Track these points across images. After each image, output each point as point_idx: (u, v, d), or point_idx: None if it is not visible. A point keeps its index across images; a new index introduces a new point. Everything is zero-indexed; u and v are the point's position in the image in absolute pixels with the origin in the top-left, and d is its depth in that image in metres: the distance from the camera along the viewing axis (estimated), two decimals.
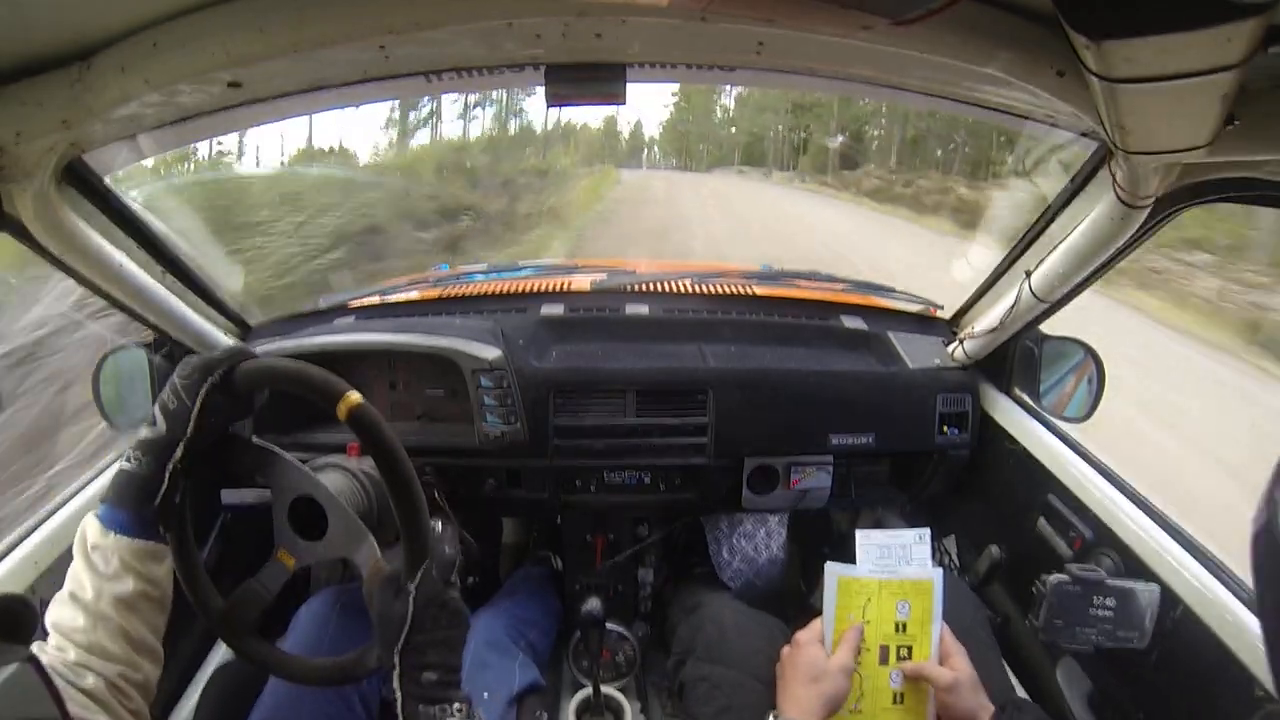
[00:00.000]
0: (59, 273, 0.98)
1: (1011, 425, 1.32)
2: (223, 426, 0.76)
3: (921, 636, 0.87)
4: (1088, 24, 0.45)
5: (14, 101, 0.68)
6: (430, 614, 0.70)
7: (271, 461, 0.79)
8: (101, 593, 0.65)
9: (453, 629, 0.72)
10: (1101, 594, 0.96)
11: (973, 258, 1.41)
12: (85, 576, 0.66)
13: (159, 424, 0.70)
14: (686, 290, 1.54)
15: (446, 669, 0.70)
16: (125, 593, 0.66)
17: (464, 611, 0.74)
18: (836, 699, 0.81)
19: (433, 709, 0.68)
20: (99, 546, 0.67)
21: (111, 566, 0.66)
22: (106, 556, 0.66)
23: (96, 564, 0.66)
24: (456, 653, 0.72)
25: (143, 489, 0.69)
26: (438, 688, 0.69)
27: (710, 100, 33.43)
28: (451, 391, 1.33)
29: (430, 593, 0.71)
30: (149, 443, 0.70)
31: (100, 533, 0.67)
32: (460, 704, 0.70)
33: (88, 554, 0.67)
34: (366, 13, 0.62)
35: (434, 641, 0.70)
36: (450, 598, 0.73)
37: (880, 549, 0.90)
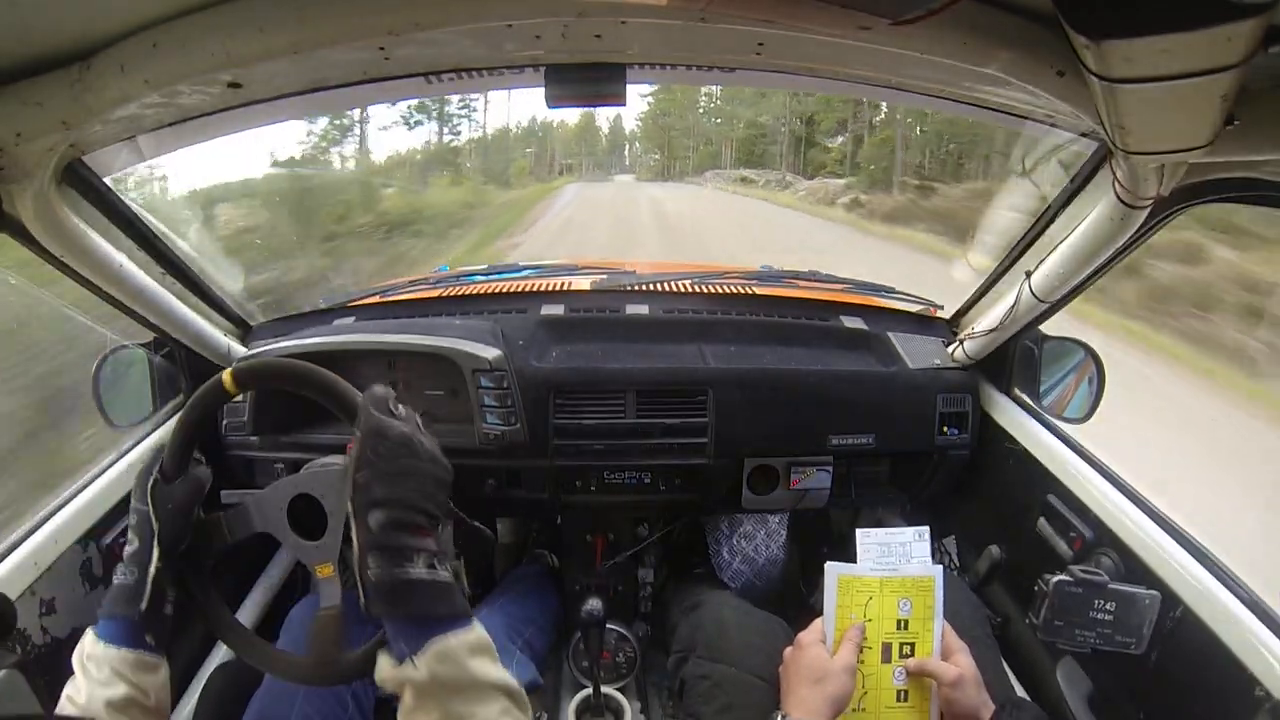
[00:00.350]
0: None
1: (1011, 425, 1.32)
2: (186, 511, 0.77)
3: (924, 633, 0.87)
4: (1088, 24, 0.45)
5: (14, 102, 0.68)
6: (370, 446, 0.63)
7: (248, 510, 0.79)
8: (93, 697, 0.67)
9: (399, 459, 0.64)
10: (1103, 597, 0.96)
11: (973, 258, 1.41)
12: (82, 683, 0.69)
13: (133, 541, 0.74)
14: (686, 290, 1.54)
15: (399, 505, 0.62)
16: (115, 698, 0.68)
17: (413, 441, 0.65)
18: (842, 699, 0.81)
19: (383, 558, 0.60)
20: (93, 656, 0.70)
21: (103, 674, 0.68)
22: (98, 664, 0.69)
23: (91, 671, 0.69)
24: (413, 489, 0.64)
25: (130, 598, 0.71)
26: (390, 530, 0.61)
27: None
28: (451, 391, 1.33)
29: (369, 425, 0.64)
30: (132, 556, 0.74)
31: (93, 643, 0.70)
32: (420, 553, 0.61)
33: (84, 663, 0.70)
34: (366, 13, 0.62)
35: (379, 474, 0.62)
36: (388, 426, 0.64)
37: (880, 547, 0.90)
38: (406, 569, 0.61)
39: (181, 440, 0.78)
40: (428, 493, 0.66)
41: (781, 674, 0.88)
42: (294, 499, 0.77)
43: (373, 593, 0.61)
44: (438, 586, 0.62)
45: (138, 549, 0.74)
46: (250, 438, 1.30)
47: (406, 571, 0.61)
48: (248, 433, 1.29)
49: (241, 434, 1.30)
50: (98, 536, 1.09)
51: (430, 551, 0.63)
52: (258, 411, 1.29)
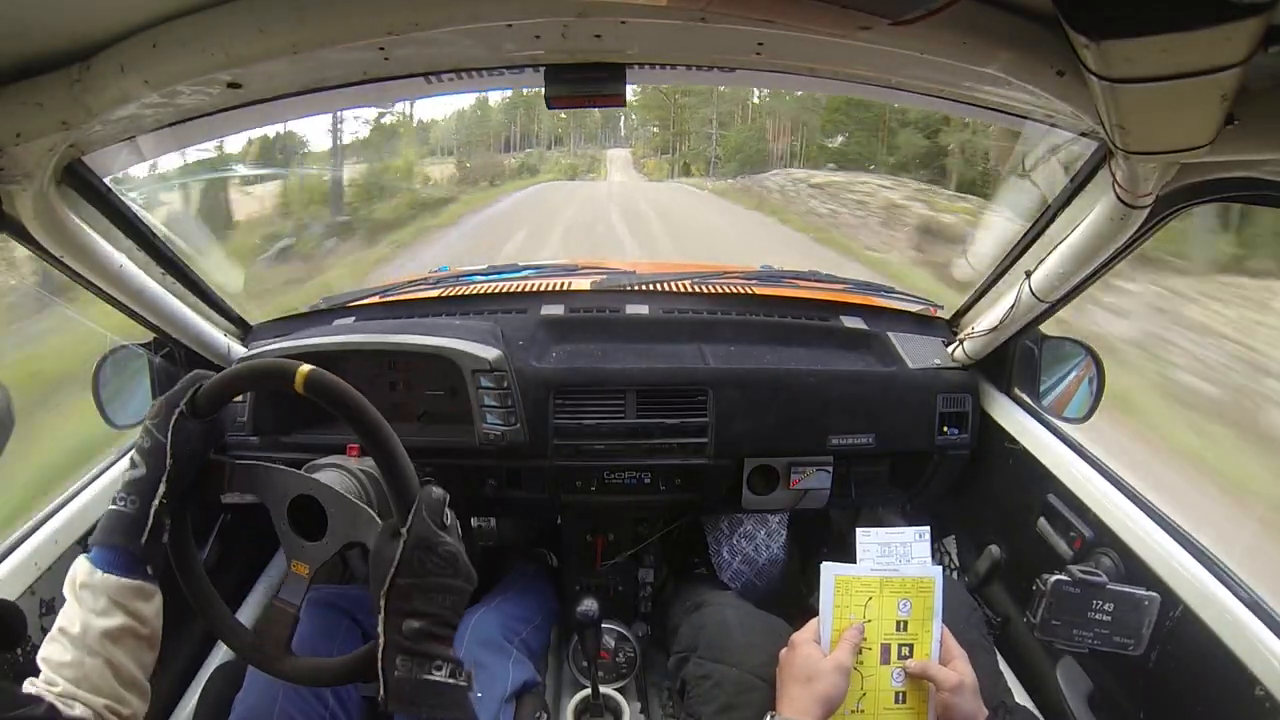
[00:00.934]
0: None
1: (1011, 425, 1.32)
2: (200, 453, 0.76)
3: (923, 635, 0.87)
4: (1088, 24, 0.45)
5: (14, 102, 0.68)
6: (418, 556, 0.66)
7: (258, 475, 0.79)
8: (89, 627, 0.66)
9: (443, 576, 0.67)
10: (1101, 598, 0.96)
11: (973, 257, 1.41)
12: (74, 612, 0.67)
13: (139, 466, 0.72)
14: (686, 290, 1.54)
15: (434, 619, 0.65)
16: (112, 627, 0.67)
17: (459, 559, 0.69)
18: (833, 699, 0.81)
19: (411, 661, 0.64)
20: (87, 584, 0.68)
21: (99, 603, 0.67)
22: (95, 593, 0.68)
23: (85, 600, 0.68)
24: (448, 605, 0.67)
25: (129, 528, 0.70)
26: (421, 639, 0.64)
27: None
28: (451, 392, 1.33)
29: (421, 534, 0.66)
30: (134, 483, 0.72)
31: (89, 571, 0.69)
32: (444, 662, 0.65)
33: (77, 592, 0.69)
34: (366, 13, 0.62)
35: (421, 588, 0.65)
36: (441, 541, 0.67)
37: (881, 547, 0.90)
38: (433, 674, 0.65)
39: (229, 384, 0.76)
40: (459, 609, 0.69)
41: (777, 674, 0.88)
42: (302, 496, 0.78)
43: (395, 690, 0.65)
44: (456, 691, 0.67)
45: (143, 476, 0.72)
46: (250, 438, 1.30)
47: (432, 676, 0.65)
48: (248, 433, 1.29)
49: (241, 434, 1.30)
50: None
51: (451, 661, 0.67)
52: (258, 411, 1.29)
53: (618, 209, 13.37)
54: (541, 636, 1.39)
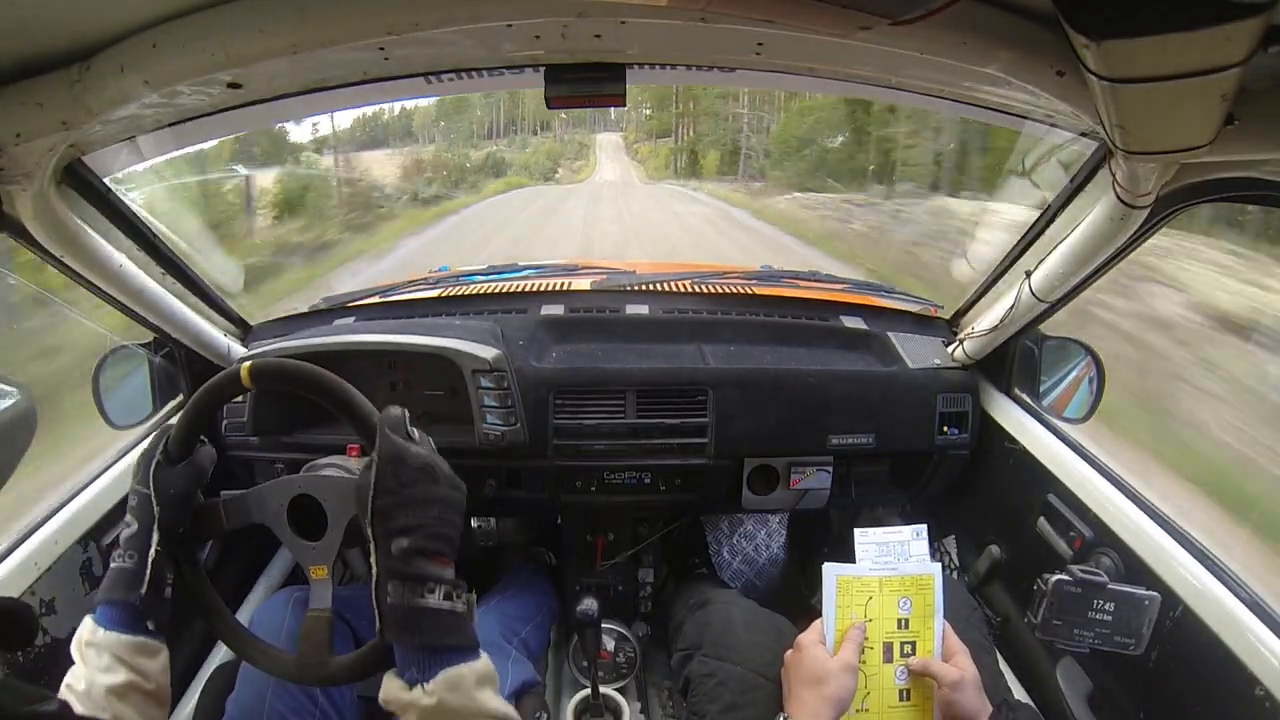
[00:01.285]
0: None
1: (1011, 425, 1.32)
2: (187, 495, 0.76)
3: (925, 632, 0.87)
4: (1088, 24, 0.45)
5: (14, 102, 0.68)
6: (391, 471, 0.63)
7: (248, 502, 0.79)
8: (94, 684, 0.66)
9: (421, 486, 0.64)
10: (1102, 598, 0.96)
11: (973, 257, 1.41)
12: (80, 670, 0.68)
13: (132, 524, 0.73)
14: (686, 290, 1.54)
15: (423, 533, 0.63)
16: (116, 684, 0.67)
17: (435, 467, 0.66)
18: (843, 699, 0.81)
19: (403, 586, 0.61)
20: (92, 643, 0.69)
21: (103, 660, 0.68)
22: (99, 651, 0.68)
23: (90, 658, 0.68)
24: (435, 518, 0.64)
25: (129, 582, 0.71)
26: (411, 558, 0.62)
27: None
28: (451, 392, 1.33)
29: (387, 450, 0.64)
30: (130, 539, 0.73)
31: (92, 629, 0.69)
32: (438, 584, 0.62)
33: (82, 650, 0.69)
34: (366, 13, 0.62)
35: (401, 502, 0.63)
36: (411, 453, 0.65)
37: (879, 547, 0.90)
38: (426, 598, 0.62)
39: (189, 423, 0.77)
40: (448, 519, 0.66)
41: (783, 676, 0.88)
42: (295, 498, 0.77)
43: (389, 618, 0.62)
44: (454, 616, 0.64)
45: (136, 532, 0.72)
46: (250, 438, 1.30)
47: (425, 600, 0.62)
48: (248, 433, 1.29)
49: (241, 434, 1.30)
50: (98, 537, 1.09)
51: (448, 582, 0.64)
52: (258, 411, 1.29)
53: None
54: (541, 635, 1.39)
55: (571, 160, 20.32)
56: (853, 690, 0.82)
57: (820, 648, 0.86)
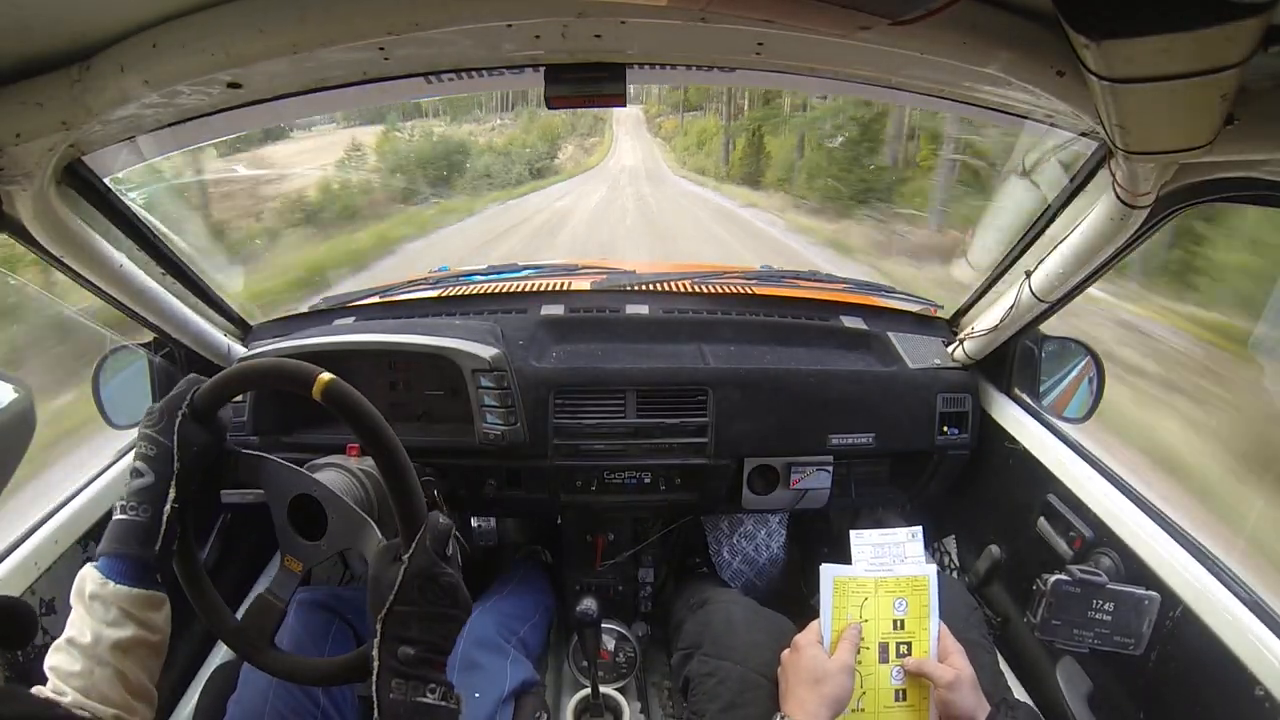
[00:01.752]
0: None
1: (1011, 425, 1.32)
2: (205, 455, 0.76)
3: (920, 633, 0.87)
4: (1088, 24, 0.45)
5: (14, 102, 0.68)
6: (418, 585, 0.67)
7: (264, 467, 0.79)
8: (100, 638, 0.66)
9: (441, 606, 0.68)
10: (1101, 598, 0.96)
11: (973, 257, 1.41)
12: (84, 623, 0.67)
13: (146, 474, 0.72)
14: (686, 290, 1.54)
15: (429, 646, 0.67)
16: (123, 638, 0.67)
17: (459, 591, 0.70)
18: (840, 699, 0.81)
19: (406, 685, 0.65)
20: (98, 595, 0.68)
21: (111, 614, 0.67)
22: (106, 604, 0.67)
23: (95, 611, 0.67)
24: (444, 634, 0.68)
25: (143, 536, 0.70)
26: (416, 664, 0.66)
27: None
28: (451, 392, 1.33)
29: (422, 564, 0.67)
30: (142, 491, 0.71)
31: (99, 582, 0.68)
32: (437, 685, 0.66)
33: (86, 602, 0.68)
34: (366, 13, 0.62)
35: (419, 615, 0.66)
36: (443, 572, 0.68)
37: (874, 548, 0.91)
38: (425, 696, 0.66)
39: (227, 384, 0.75)
40: (453, 637, 0.70)
41: (780, 676, 0.88)
42: (303, 496, 0.78)
43: (389, 711, 0.65)
44: (449, 713, 0.68)
45: (151, 484, 0.71)
46: (250, 437, 1.30)
47: (424, 699, 0.66)
48: (248, 432, 1.29)
49: (242, 434, 1.30)
50: (98, 537, 1.08)
51: (444, 684, 0.68)
52: (258, 411, 1.29)
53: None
54: (539, 634, 1.39)
55: (583, 138, 16.13)
56: (850, 690, 0.82)
57: (818, 648, 0.86)
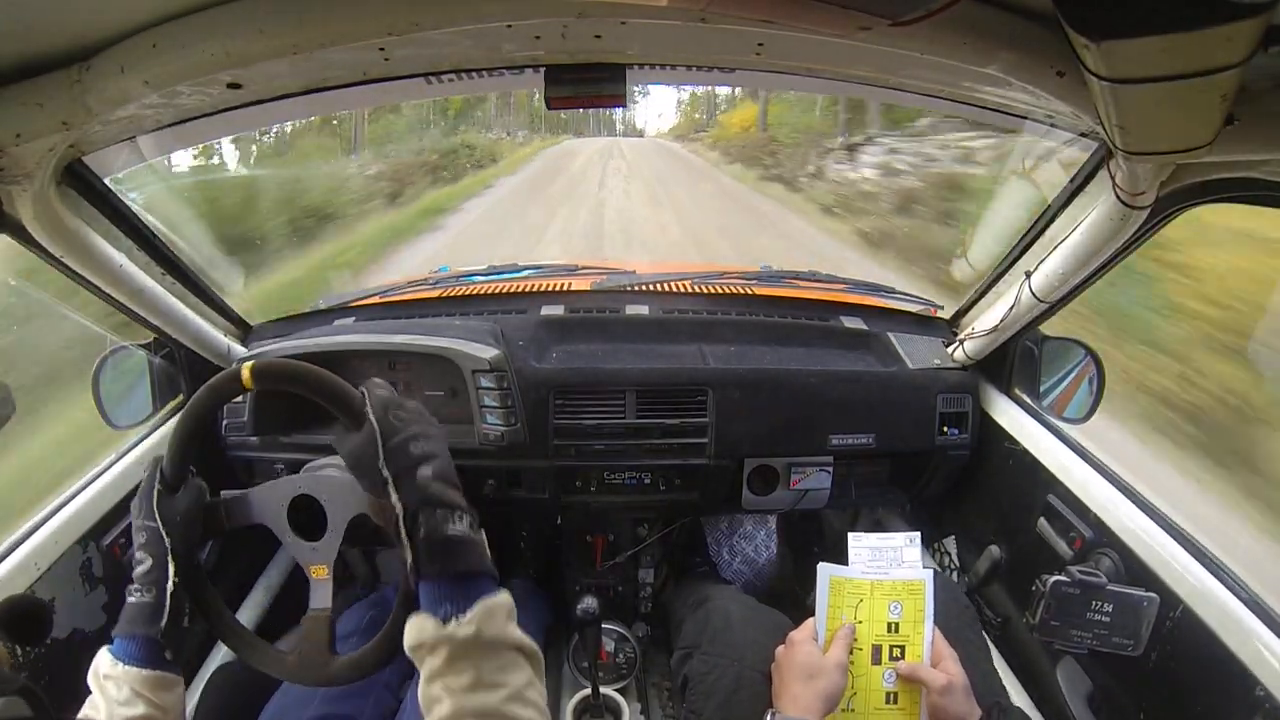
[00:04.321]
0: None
1: (1012, 425, 1.32)
2: (194, 518, 0.77)
3: (914, 637, 0.87)
4: (1088, 24, 0.45)
5: (14, 102, 0.68)
6: (391, 414, 0.66)
7: (250, 501, 0.79)
8: (113, 715, 0.67)
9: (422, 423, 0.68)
10: (1100, 598, 0.96)
11: (973, 257, 1.41)
12: (101, 702, 0.69)
13: (145, 560, 0.73)
14: (686, 290, 1.54)
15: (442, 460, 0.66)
16: (134, 716, 0.68)
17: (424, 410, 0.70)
18: (834, 695, 0.81)
19: (433, 515, 0.63)
20: (110, 676, 0.69)
21: (123, 693, 0.68)
22: (118, 684, 0.69)
23: (110, 691, 0.69)
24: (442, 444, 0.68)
25: (149, 617, 0.71)
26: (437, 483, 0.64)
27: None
28: (451, 392, 1.33)
29: (381, 398, 0.67)
30: (144, 575, 0.73)
31: (111, 663, 0.70)
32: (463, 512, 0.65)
33: (101, 682, 0.70)
34: (366, 14, 0.62)
35: (414, 434, 0.66)
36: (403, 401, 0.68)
37: (872, 551, 0.91)
38: (456, 526, 0.64)
39: (181, 445, 0.77)
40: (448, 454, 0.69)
41: (774, 671, 0.88)
42: (295, 498, 0.77)
43: (425, 550, 0.62)
44: (479, 545, 0.66)
45: (150, 568, 0.73)
46: (250, 438, 1.30)
47: (456, 528, 0.64)
48: (248, 433, 1.29)
49: (241, 434, 1.30)
50: (98, 537, 1.09)
51: (468, 510, 0.66)
52: (258, 412, 1.29)
53: None
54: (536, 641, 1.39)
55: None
56: (842, 688, 0.83)
57: (812, 644, 0.86)
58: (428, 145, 12.44)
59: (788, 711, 0.80)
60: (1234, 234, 2.82)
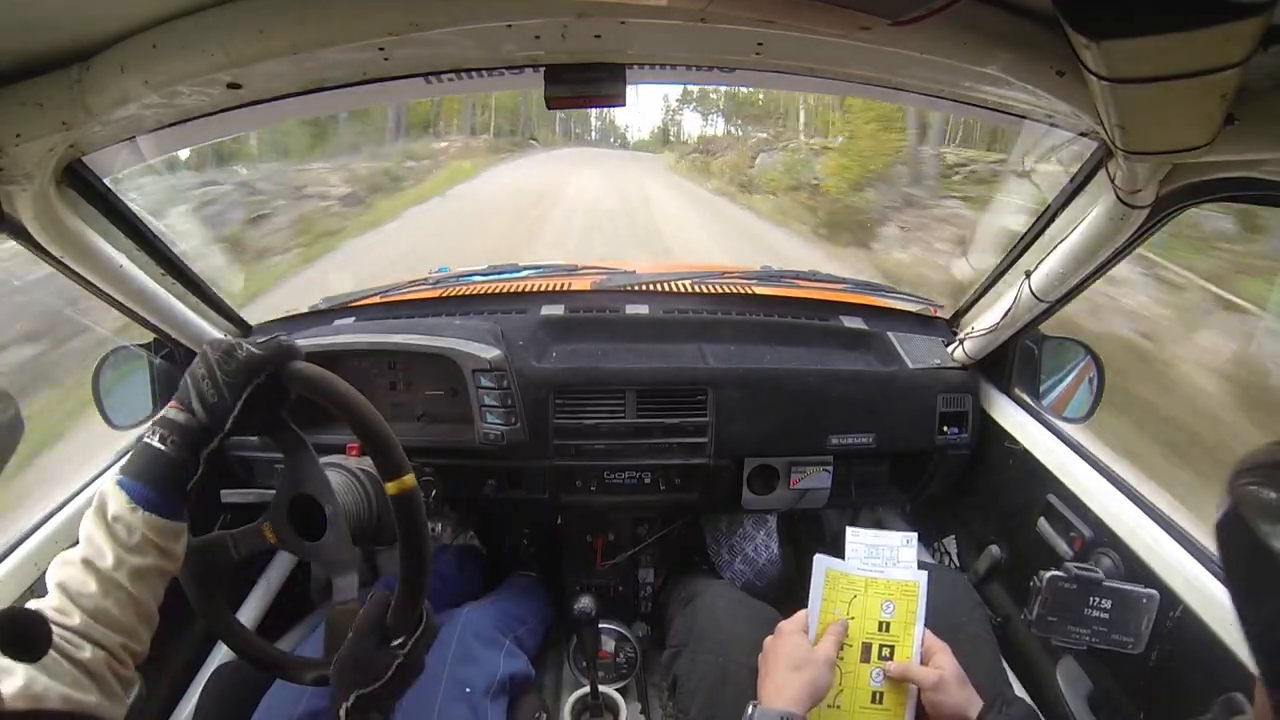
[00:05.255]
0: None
1: (1012, 425, 1.32)
2: (262, 423, 0.76)
3: (904, 638, 0.87)
4: (1088, 24, 0.45)
5: (14, 102, 0.68)
6: (401, 675, 0.71)
7: (297, 449, 0.79)
8: (121, 562, 0.64)
9: (404, 684, 0.72)
10: (1098, 595, 0.96)
11: (973, 257, 1.41)
12: (105, 545, 0.64)
13: (199, 414, 0.68)
14: (686, 290, 1.54)
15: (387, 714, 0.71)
16: (144, 565, 0.65)
17: (421, 670, 0.75)
18: (820, 688, 0.80)
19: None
20: (122, 518, 0.65)
21: (135, 539, 0.65)
22: (130, 529, 0.65)
23: (119, 534, 0.65)
24: (395, 700, 0.73)
25: (176, 474, 0.68)
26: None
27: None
28: (451, 392, 1.33)
29: (415, 661, 0.72)
30: (185, 429, 0.68)
31: (127, 506, 0.65)
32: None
33: (109, 523, 0.65)
34: (366, 14, 0.62)
35: (390, 693, 0.70)
36: (424, 662, 0.74)
37: (868, 548, 0.90)
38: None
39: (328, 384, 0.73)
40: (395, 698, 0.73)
41: (760, 661, 0.87)
42: (294, 499, 0.78)
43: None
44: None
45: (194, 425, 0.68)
46: (250, 438, 1.30)
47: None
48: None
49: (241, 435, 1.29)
50: None
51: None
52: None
53: None
54: (535, 639, 1.39)
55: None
56: (829, 683, 0.82)
57: (802, 635, 0.86)
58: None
59: (771, 700, 0.79)
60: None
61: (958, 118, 7.43)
